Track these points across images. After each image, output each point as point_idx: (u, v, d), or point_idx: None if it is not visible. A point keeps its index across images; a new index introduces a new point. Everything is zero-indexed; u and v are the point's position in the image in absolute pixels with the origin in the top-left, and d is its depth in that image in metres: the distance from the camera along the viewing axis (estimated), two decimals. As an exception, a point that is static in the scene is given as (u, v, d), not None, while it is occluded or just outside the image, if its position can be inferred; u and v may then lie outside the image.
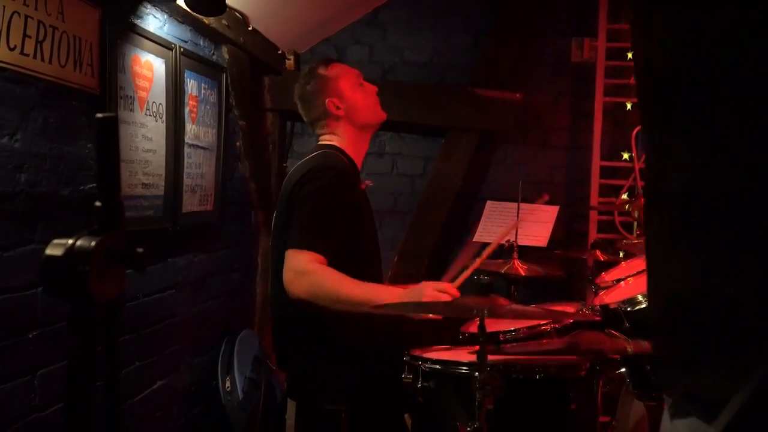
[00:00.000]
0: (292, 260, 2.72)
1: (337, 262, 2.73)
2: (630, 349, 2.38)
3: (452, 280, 2.83)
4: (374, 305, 2.60)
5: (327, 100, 3.00)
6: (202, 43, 3.81)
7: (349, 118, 3.04)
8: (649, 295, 1.30)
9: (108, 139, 1.12)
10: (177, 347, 3.69)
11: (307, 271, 2.67)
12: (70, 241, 1.07)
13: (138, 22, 3.10)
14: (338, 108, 3.00)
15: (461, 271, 2.90)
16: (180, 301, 3.69)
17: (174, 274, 3.60)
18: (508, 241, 3.87)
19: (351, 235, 2.85)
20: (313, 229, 2.74)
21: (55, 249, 1.05)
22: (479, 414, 2.14)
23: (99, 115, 1.05)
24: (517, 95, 4.64)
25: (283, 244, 2.81)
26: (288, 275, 2.71)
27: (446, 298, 2.59)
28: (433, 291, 2.62)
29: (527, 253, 4.10)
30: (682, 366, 1.21)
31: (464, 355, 2.55)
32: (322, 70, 3.06)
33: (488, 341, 2.17)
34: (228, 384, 4.06)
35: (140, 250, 1.11)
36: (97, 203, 1.09)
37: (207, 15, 3.36)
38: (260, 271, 4.82)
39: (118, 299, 1.10)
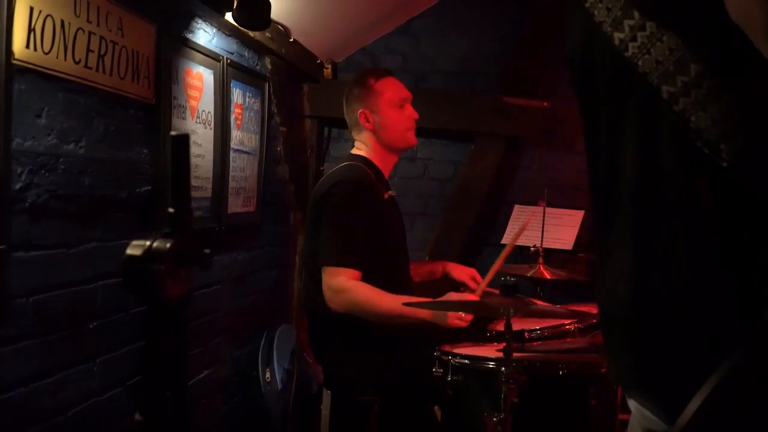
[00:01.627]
0: (329, 279, 2.85)
1: (367, 267, 2.86)
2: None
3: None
4: (408, 317, 2.73)
5: (360, 111, 3.08)
6: (246, 54, 3.94)
7: (376, 134, 3.10)
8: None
9: (181, 154, 1.23)
10: (220, 339, 3.82)
11: (343, 289, 2.81)
12: (148, 243, 1.18)
13: (190, 36, 3.23)
14: (368, 121, 3.07)
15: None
16: (223, 296, 3.82)
17: (219, 272, 3.74)
18: (534, 245, 3.95)
19: (377, 241, 2.96)
20: (342, 245, 2.85)
21: (134, 249, 1.17)
22: (505, 406, 2.24)
23: (173, 133, 1.16)
24: (544, 103, 4.71)
25: (313, 246, 2.93)
26: (327, 293, 2.85)
27: (464, 324, 2.71)
28: (454, 319, 2.73)
29: (552, 256, 4.17)
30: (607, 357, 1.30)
31: (491, 352, 2.65)
32: (371, 81, 3.10)
33: (514, 338, 2.27)
34: (268, 375, 4.19)
35: (207, 251, 1.23)
36: (171, 210, 1.20)
37: (253, 29, 3.49)
38: (297, 269, 4.94)
39: (185, 296, 1.21)
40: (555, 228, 4.36)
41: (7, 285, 2.23)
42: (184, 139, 1.23)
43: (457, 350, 2.66)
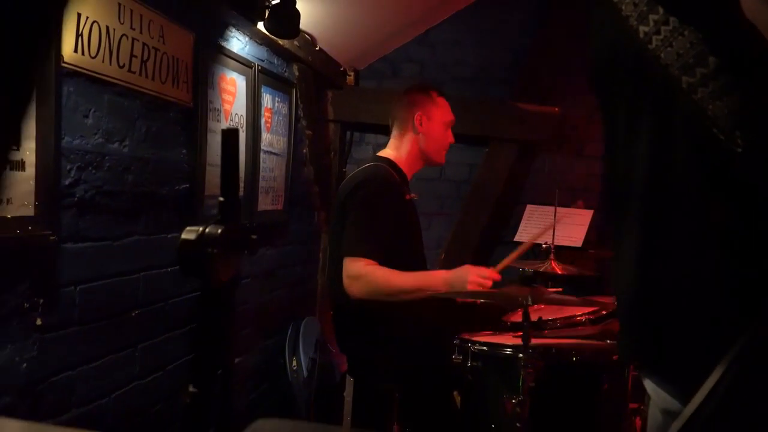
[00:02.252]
0: (348, 267, 2.86)
1: (386, 262, 2.87)
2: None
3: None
4: (425, 290, 2.75)
5: (419, 113, 3.12)
6: (276, 61, 3.98)
7: (420, 138, 3.15)
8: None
9: (230, 146, 1.26)
10: (249, 330, 3.85)
11: (360, 275, 2.82)
12: (201, 228, 1.21)
13: (224, 44, 3.27)
14: (421, 124, 3.12)
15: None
16: (253, 289, 3.86)
17: (249, 266, 3.77)
18: (546, 242, 3.96)
19: (396, 237, 2.97)
20: (363, 237, 2.87)
21: (189, 234, 1.19)
22: (523, 389, 2.25)
23: (224, 128, 1.19)
24: (555, 109, 4.72)
25: (339, 243, 2.95)
26: (346, 281, 2.86)
27: (488, 283, 2.71)
28: (475, 276, 2.75)
29: (563, 253, 4.18)
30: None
31: (508, 339, 2.66)
32: (434, 93, 3.17)
33: (532, 326, 2.28)
34: (294, 363, 4.22)
35: (254, 236, 1.26)
36: (221, 198, 1.23)
37: (283, 38, 3.52)
38: (321, 266, 4.97)
39: (235, 279, 1.24)
40: (565, 227, 4.37)
41: (57, 275, 2.27)
42: (233, 133, 1.26)
43: (476, 338, 2.67)
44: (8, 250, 2.03)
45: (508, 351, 2.49)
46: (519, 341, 2.49)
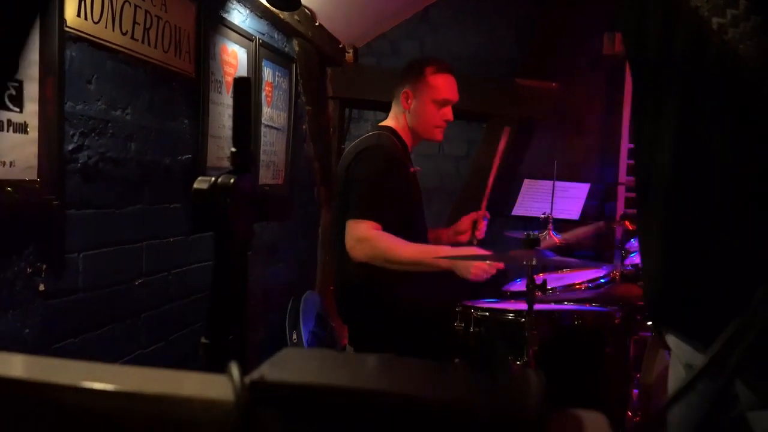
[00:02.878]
0: (352, 229, 2.81)
1: (389, 229, 2.83)
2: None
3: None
4: (427, 265, 2.71)
5: (405, 90, 3.03)
6: (276, 36, 3.93)
7: (408, 116, 3.06)
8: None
9: (241, 96, 1.22)
10: (252, 303, 3.82)
11: (365, 238, 2.77)
12: (213, 179, 1.17)
13: (226, 15, 3.22)
14: (407, 102, 3.03)
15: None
16: (256, 263, 3.82)
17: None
18: (545, 213, 3.94)
19: (400, 205, 2.93)
20: (367, 201, 2.81)
21: (201, 184, 1.15)
22: (527, 353, 2.23)
23: (236, 76, 1.15)
24: (553, 84, 4.68)
25: (343, 215, 2.90)
26: (350, 243, 2.81)
27: (491, 271, 2.67)
28: (479, 269, 2.70)
29: (561, 225, 4.15)
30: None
31: (510, 305, 2.64)
32: (428, 70, 3.01)
33: (536, 289, 2.26)
34: (294, 336, 4.19)
35: (267, 188, 1.23)
36: (233, 149, 1.19)
37: (284, 9, 3.47)
38: (320, 242, 4.94)
39: (249, 233, 1.20)
40: (563, 200, 4.34)
41: (61, 241, 2.23)
42: (245, 82, 1.22)
43: (478, 305, 2.65)
44: (11, 213, 1.99)
45: (511, 316, 2.47)
46: (521, 306, 2.47)
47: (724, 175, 1.11)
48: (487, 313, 2.54)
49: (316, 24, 4.22)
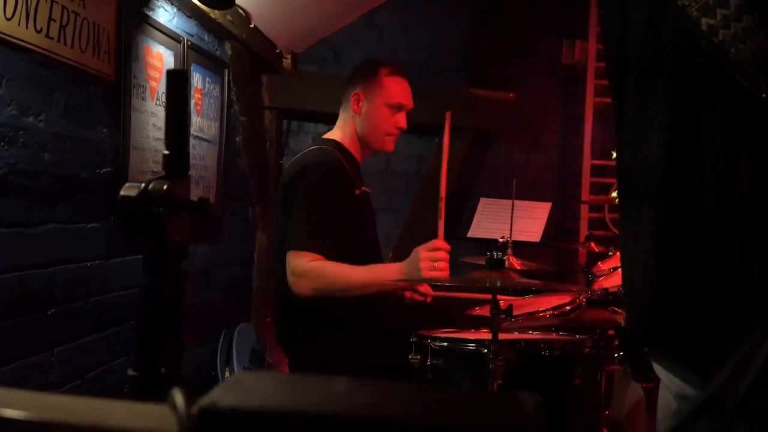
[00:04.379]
0: (292, 263, 2.76)
1: (336, 255, 2.79)
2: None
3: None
4: (379, 283, 2.70)
5: (356, 92, 2.98)
6: (206, 38, 3.89)
7: (358, 121, 3.02)
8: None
9: (176, 91, 1.19)
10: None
11: (307, 272, 2.73)
12: (143, 184, 1.13)
13: (150, 13, 3.18)
14: (357, 105, 2.99)
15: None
16: (182, 290, 3.74)
17: (178, 264, 3.66)
18: (504, 237, 3.97)
19: (348, 231, 2.89)
20: (308, 229, 2.77)
21: (129, 190, 1.10)
22: (491, 384, 2.22)
23: (170, 69, 1.13)
24: (510, 95, 4.76)
25: (282, 238, 2.86)
26: (291, 279, 2.77)
27: (441, 262, 2.66)
28: (427, 262, 2.69)
29: (520, 248, 4.19)
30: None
31: (471, 335, 2.63)
32: (382, 71, 3.00)
33: (502, 314, 2.26)
34: (227, 374, 4.12)
35: (204, 197, 1.20)
36: (166, 152, 1.16)
37: (216, 8, 3.44)
38: (256, 267, 4.89)
39: (185, 246, 1.17)
40: (522, 221, 4.38)
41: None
42: (180, 75, 1.19)
43: (435, 334, 2.63)
44: None
45: (472, 346, 2.46)
46: (483, 336, 2.47)
47: (720, 174, 1.12)
48: (446, 344, 2.53)
49: (251, 26, 4.20)
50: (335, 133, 3.07)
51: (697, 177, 1.14)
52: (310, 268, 2.74)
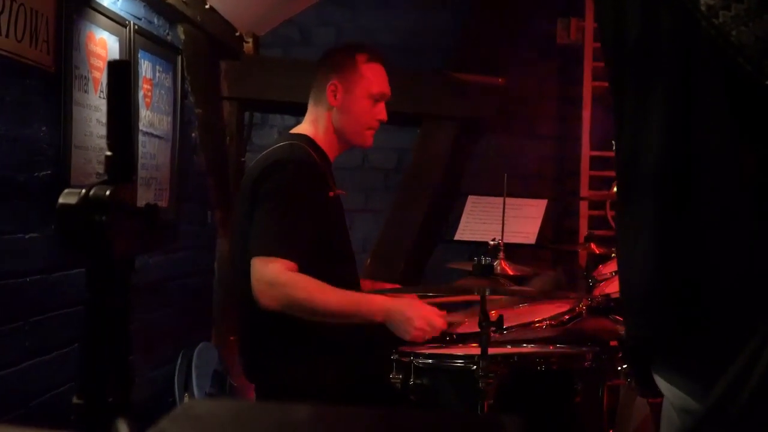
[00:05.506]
0: (261, 270, 2.75)
1: (308, 263, 2.81)
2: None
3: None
4: (356, 317, 2.73)
5: (332, 81, 2.99)
6: (156, 21, 3.92)
7: (335, 114, 3.04)
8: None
9: (119, 84, 1.21)
10: (132, 358, 3.76)
11: (278, 283, 2.73)
12: (83, 191, 1.15)
13: (92, -6, 3.20)
14: (335, 97, 3.01)
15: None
16: (134, 306, 3.76)
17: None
18: (494, 239, 4.01)
19: (320, 233, 2.92)
20: (278, 233, 2.78)
21: (68, 197, 1.12)
22: (481, 405, 2.26)
23: (112, 60, 1.15)
24: (500, 79, 4.79)
25: (247, 249, 2.87)
26: (258, 286, 2.75)
27: (435, 333, 2.70)
28: (423, 321, 2.71)
29: (514, 251, 4.23)
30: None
31: (458, 350, 2.67)
32: (360, 58, 3.01)
33: (491, 325, 2.30)
34: (186, 400, 4.14)
35: (152, 203, 1.22)
36: (108, 153, 1.18)
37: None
38: (218, 278, 4.90)
39: (132, 255, 1.19)
40: (516, 220, 4.42)
41: None
42: (123, 67, 1.21)
43: (419, 351, 2.67)
44: None
45: (460, 363, 2.50)
46: (472, 351, 2.51)
47: (724, 167, 1.16)
48: (430, 360, 2.56)
49: (207, 6, 4.22)
50: (305, 128, 3.09)
51: (698, 172, 1.18)
52: (283, 281, 2.74)
